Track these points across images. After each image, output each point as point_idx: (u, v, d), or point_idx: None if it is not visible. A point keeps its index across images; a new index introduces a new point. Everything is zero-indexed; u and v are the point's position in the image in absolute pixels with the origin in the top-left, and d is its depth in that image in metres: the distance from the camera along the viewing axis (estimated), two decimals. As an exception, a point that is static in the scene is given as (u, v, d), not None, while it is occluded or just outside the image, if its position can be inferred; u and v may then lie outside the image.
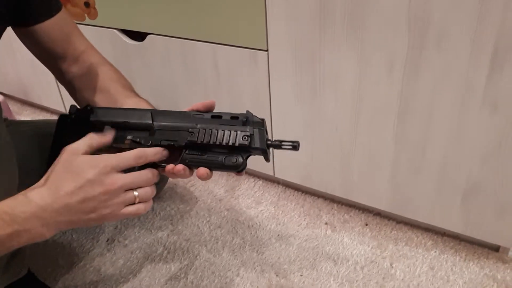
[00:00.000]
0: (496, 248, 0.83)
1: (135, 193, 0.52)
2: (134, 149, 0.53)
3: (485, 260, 0.81)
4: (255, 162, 1.01)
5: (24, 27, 0.67)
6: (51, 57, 0.73)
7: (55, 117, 1.45)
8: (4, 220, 0.47)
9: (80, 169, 0.49)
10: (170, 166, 0.55)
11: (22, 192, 0.49)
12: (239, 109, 0.94)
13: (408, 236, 0.88)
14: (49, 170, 0.50)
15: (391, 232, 0.89)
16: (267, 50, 0.82)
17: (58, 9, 0.68)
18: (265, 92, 0.88)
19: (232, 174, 0.75)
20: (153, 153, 0.54)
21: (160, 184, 1.00)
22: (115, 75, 0.72)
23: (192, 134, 0.55)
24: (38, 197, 0.48)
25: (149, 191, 0.54)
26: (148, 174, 0.54)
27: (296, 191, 1.03)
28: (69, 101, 1.44)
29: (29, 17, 0.66)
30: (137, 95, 0.68)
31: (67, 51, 0.72)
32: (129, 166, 0.52)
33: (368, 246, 0.86)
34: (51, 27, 0.68)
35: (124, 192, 0.51)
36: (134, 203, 0.53)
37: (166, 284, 0.82)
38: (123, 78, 0.72)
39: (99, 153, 0.52)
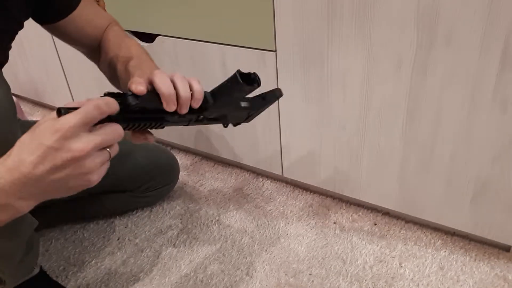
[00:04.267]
0: (506, 248, 0.82)
1: (108, 150, 0.47)
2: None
3: (495, 260, 0.80)
4: (263, 161, 1.01)
5: (48, 23, 0.69)
6: (83, 44, 0.74)
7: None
8: None
9: (42, 135, 0.44)
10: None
11: None
12: (248, 109, 0.94)
13: (417, 236, 0.87)
14: (17, 141, 0.46)
15: (400, 231, 0.89)
16: (275, 51, 0.83)
17: (78, 1, 0.69)
18: (273, 92, 0.88)
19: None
20: (113, 100, 0.48)
21: (169, 184, 1.01)
22: (136, 49, 0.70)
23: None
24: (3, 171, 0.44)
25: (116, 147, 0.49)
26: (116, 128, 0.48)
27: (304, 191, 1.03)
28: (79, 99, 1.45)
29: (52, 14, 0.68)
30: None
31: (94, 35, 0.73)
32: (93, 120, 0.45)
33: (377, 246, 0.86)
34: (75, 19, 0.69)
35: (98, 152, 0.46)
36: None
37: (176, 282, 0.82)
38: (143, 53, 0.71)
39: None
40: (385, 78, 0.73)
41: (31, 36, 1.27)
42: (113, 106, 0.47)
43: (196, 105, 0.57)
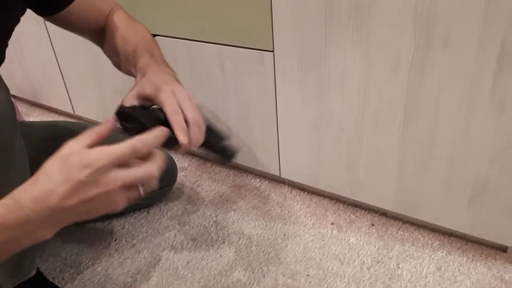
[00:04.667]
0: (504, 249, 0.82)
1: (140, 189, 0.47)
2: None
3: (492, 260, 0.81)
4: (261, 162, 1.01)
5: (50, 15, 0.69)
6: (86, 31, 0.73)
7: (63, 118, 1.47)
8: None
9: (72, 169, 0.43)
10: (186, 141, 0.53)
11: (10, 195, 0.45)
12: (246, 109, 0.94)
13: (414, 237, 0.87)
14: (42, 168, 0.45)
15: (397, 232, 0.89)
16: (273, 51, 0.83)
17: None
18: (271, 92, 0.88)
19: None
20: (154, 136, 0.47)
21: (169, 186, 1.01)
22: (142, 35, 0.70)
23: None
24: (29, 201, 0.44)
25: (154, 185, 0.48)
26: (151, 168, 0.47)
27: (302, 191, 1.03)
28: (77, 102, 1.46)
29: (54, 6, 0.67)
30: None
31: (98, 20, 0.72)
32: (126, 159, 0.45)
33: (375, 247, 0.86)
34: (77, 7, 0.69)
35: (127, 189, 0.46)
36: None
37: (173, 283, 0.82)
38: (148, 40, 0.70)
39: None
40: (383, 79, 0.73)
41: (28, 36, 1.26)
42: (150, 146, 0.47)
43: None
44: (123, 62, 0.68)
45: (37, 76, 1.37)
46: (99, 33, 0.74)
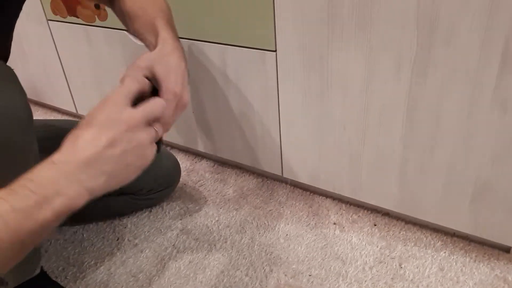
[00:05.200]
0: (506, 249, 0.82)
1: (155, 128, 0.50)
2: None
3: (495, 261, 0.80)
4: (263, 161, 1.01)
5: None
6: None
7: (66, 118, 1.47)
8: (28, 187, 0.41)
9: (92, 117, 0.46)
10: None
11: (48, 158, 0.45)
12: (248, 109, 0.94)
13: (417, 237, 0.87)
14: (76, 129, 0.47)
15: (400, 232, 0.89)
16: (275, 51, 0.83)
17: None
18: (273, 92, 0.88)
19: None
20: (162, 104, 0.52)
21: (172, 186, 1.01)
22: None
23: None
24: (61, 156, 0.44)
25: (160, 127, 0.52)
26: (160, 101, 0.51)
27: (304, 191, 1.03)
28: (80, 102, 1.46)
29: None
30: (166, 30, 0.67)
31: None
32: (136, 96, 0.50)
33: (377, 247, 0.86)
34: None
35: (147, 127, 0.49)
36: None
37: (175, 283, 0.82)
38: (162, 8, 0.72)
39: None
40: (385, 78, 0.73)
41: (31, 36, 1.27)
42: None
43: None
44: (138, 27, 0.70)
45: (39, 76, 1.37)
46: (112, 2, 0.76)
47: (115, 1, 0.76)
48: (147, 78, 0.58)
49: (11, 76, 0.59)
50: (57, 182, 0.42)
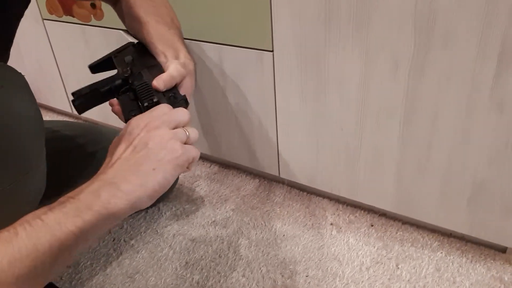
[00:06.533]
0: (503, 250, 0.82)
1: (185, 131, 0.53)
2: None
3: (492, 261, 0.81)
4: (260, 162, 1.01)
5: None
6: None
7: (62, 118, 1.46)
8: (69, 196, 0.46)
9: (126, 132, 0.53)
10: None
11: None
12: (244, 109, 0.94)
13: (414, 237, 0.87)
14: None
15: (396, 233, 0.89)
16: (272, 51, 0.82)
17: None
18: (270, 92, 0.88)
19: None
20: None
21: (171, 188, 1.00)
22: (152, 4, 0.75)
23: None
24: (99, 172, 0.50)
25: (195, 130, 0.55)
26: (182, 109, 0.56)
27: (301, 192, 1.02)
28: (76, 102, 1.43)
29: None
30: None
31: None
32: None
33: (374, 247, 0.86)
34: None
35: (173, 130, 0.52)
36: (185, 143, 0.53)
37: (172, 284, 0.82)
38: (161, 9, 0.75)
39: None
40: (382, 78, 0.73)
41: (27, 36, 1.26)
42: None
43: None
44: (147, 34, 0.73)
45: (35, 75, 1.37)
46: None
47: (119, 2, 0.76)
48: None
49: (23, 84, 0.60)
50: (95, 189, 0.46)
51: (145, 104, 0.59)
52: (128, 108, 0.62)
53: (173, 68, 0.66)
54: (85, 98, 0.65)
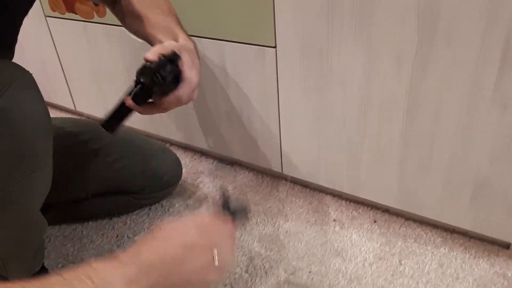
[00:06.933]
0: (506, 245, 0.82)
1: (215, 253, 0.50)
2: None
3: (495, 257, 0.80)
4: (263, 158, 1.01)
5: None
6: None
7: (64, 115, 1.46)
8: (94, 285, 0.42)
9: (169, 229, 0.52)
10: None
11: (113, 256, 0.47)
12: (247, 105, 0.94)
13: (417, 233, 0.87)
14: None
15: (399, 229, 0.89)
16: (275, 47, 0.82)
17: None
18: (273, 88, 0.88)
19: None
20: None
21: (173, 185, 1.00)
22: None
23: None
24: (125, 257, 0.46)
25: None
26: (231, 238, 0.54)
27: (304, 188, 1.02)
28: (78, 99, 1.45)
29: None
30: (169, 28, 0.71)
31: None
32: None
33: (377, 243, 0.86)
34: None
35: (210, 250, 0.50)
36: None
37: (175, 280, 0.82)
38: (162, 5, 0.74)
39: None
40: (385, 75, 0.73)
41: (29, 32, 1.26)
42: None
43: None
44: (148, 27, 0.72)
45: (37, 72, 1.36)
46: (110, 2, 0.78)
47: (118, 2, 0.76)
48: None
49: (32, 82, 0.61)
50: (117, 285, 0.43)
51: (135, 79, 0.60)
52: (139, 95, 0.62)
53: (166, 43, 0.65)
54: (110, 119, 0.65)
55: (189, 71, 0.62)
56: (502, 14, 0.59)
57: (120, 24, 1.06)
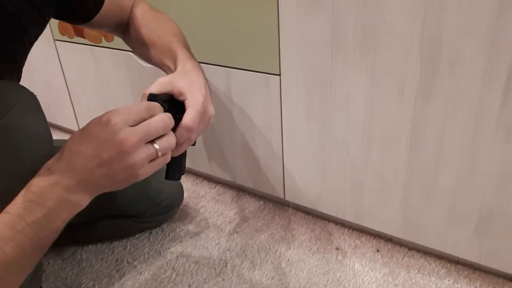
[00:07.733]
0: (511, 278, 0.81)
1: (156, 146, 0.51)
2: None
3: (500, 290, 0.79)
4: (266, 184, 1.01)
5: (83, 23, 0.73)
6: (111, 28, 0.78)
7: (68, 136, 1.47)
8: (36, 201, 0.48)
9: (92, 131, 0.50)
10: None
11: (45, 166, 0.51)
12: (251, 131, 0.94)
13: (420, 264, 0.86)
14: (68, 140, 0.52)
15: (403, 259, 0.87)
16: (279, 75, 0.83)
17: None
18: (276, 115, 0.88)
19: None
20: (160, 107, 0.55)
21: (175, 209, 1.00)
22: (160, 26, 0.74)
23: None
24: (58, 167, 0.50)
25: (170, 139, 0.53)
26: (163, 118, 0.52)
27: (306, 215, 1.02)
28: (83, 121, 1.46)
29: (85, 14, 0.71)
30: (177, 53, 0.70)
31: (122, 17, 0.76)
32: (142, 118, 0.51)
33: (380, 273, 0.84)
34: (105, 12, 0.72)
35: (144, 146, 0.50)
36: (156, 157, 0.52)
37: (174, 307, 0.81)
38: (169, 31, 0.74)
39: None
40: (388, 104, 0.73)
41: (37, 54, 1.28)
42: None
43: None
44: (155, 53, 0.72)
45: (44, 93, 1.38)
46: (123, 27, 0.78)
47: (128, 30, 0.77)
48: (169, 94, 0.61)
49: (35, 103, 0.61)
50: (60, 195, 0.49)
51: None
52: None
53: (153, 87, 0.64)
54: (168, 169, 0.67)
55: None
56: (505, 44, 0.59)
57: (127, 48, 1.08)
